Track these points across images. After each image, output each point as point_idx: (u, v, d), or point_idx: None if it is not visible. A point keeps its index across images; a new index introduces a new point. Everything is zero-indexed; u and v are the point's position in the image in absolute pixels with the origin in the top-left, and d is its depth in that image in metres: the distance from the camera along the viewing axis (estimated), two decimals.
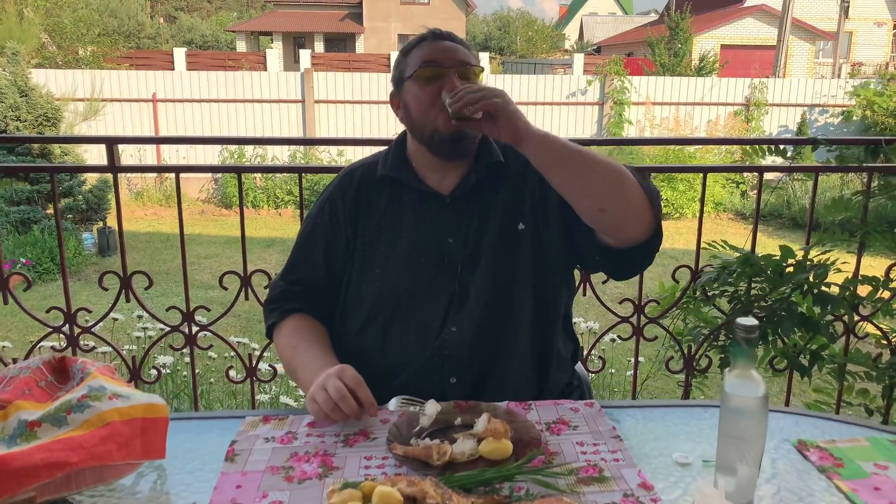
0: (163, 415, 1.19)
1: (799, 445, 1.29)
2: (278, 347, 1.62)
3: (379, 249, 1.56)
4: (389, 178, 1.59)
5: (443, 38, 1.53)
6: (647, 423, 1.38)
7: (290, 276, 1.65)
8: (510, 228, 1.55)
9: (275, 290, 1.66)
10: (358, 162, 1.69)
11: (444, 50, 1.50)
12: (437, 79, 1.47)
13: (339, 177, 1.65)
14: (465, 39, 1.58)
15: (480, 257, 1.52)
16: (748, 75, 12.96)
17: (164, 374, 2.97)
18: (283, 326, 1.61)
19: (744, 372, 1.10)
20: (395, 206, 1.58)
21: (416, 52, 1.52)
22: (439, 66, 1.48)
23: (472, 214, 1.56)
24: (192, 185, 11.08)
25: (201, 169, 2.43)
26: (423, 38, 1.54)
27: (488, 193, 1.57)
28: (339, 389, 1.30)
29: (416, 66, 1.51)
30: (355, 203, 1.60)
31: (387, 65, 13.96)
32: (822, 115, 12.09)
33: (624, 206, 1.40)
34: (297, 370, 1.52)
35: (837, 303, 2.34)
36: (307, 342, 1.55)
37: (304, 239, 1.65)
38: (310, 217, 1.66)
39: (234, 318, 5.51)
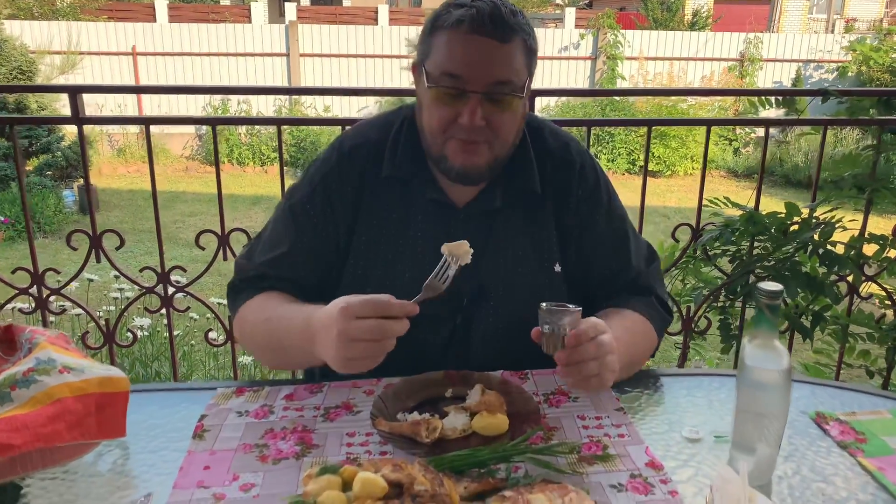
0: (122, 389, 1.08)
1: (817, 418, 1.20)
2: (244, 334, 1.32)
3: (377, 262, 1.32)
4: (399, 181, 1.33)
5: (484, 29, 1.16)
6: (651, 394, 1.28)
7: (262, 258, 1.36)
8: (541, 268, 1.35)
9: (243, 271, 1.38)
10: (357, 135, 1.37)
11: (477, 61, 1.17)
12: (457, 98, 1.19)
13: (337, 155, 1.35)
14: (524, 20, 1.20)
15: (491, 292, 1.31)
16: (741, 30, 12.70)
17: (143, 336, 2.86)
18: (248, 306, 1.33)
19: (765, 342, 1.00)
20: (403, 211, 1.33)
21: (444, 40, 1.19)
22: (463, 85, 1.18)
23: (488, 238, 1.33)
24: (176, 141, 10.81)
25: (172, 121, 2.25)
26: (458, 21, 1.17)
27: (513, 217, 1.34)
28: (369, 328, 1.02)
29: (435, 69, 1.20)
30: (358, 195, 1.33)
31: (374, 18, 13.56)
32: (816, 70, 11.89)
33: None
34: (283, 338, 1.22)
35: (844, 262, 2.25)
36: (281, 307, 1.27)
37: (286, 222, 1.36)
38: (295, 196, 1.37)
39: (219, 277, 5.38)
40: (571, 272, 1.38)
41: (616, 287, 1.39)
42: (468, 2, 1.19)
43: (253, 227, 8.00)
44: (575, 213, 1.37)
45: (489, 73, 1.18)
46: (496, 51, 1.18)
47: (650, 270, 1.43)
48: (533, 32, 1.23)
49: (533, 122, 1.40)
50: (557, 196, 1.36)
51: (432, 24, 1.22)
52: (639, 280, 1.40)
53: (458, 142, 1.22)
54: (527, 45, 1.22)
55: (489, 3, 1.19)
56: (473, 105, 1.18)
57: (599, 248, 1.39)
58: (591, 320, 1.11)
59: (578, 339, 1.07)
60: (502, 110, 1.21)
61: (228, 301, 1.42)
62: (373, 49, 11.31)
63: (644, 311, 1.36)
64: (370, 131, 1.37)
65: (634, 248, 1.42)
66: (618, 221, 1.41)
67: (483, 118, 1.19)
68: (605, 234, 1.39)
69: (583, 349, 1.07)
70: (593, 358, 1.08)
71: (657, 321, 1.37)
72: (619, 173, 10.43)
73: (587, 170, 1.38)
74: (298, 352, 1.19)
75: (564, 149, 1.38)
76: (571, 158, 1.38)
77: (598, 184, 1.39)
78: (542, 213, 1.36)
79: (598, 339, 1.09)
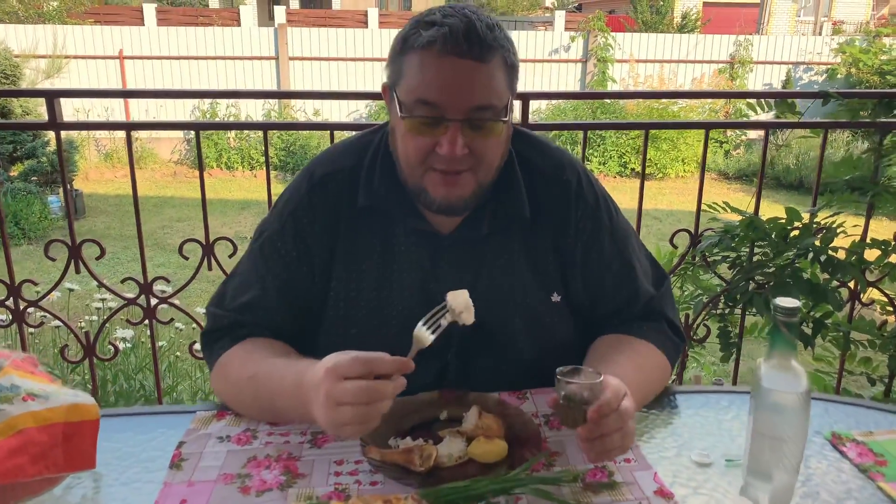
0: (91, 417, 0.99)
1: (833, 439, 1.13)
2: (225, 390, 1.19)
3: (359, 301, 1.22)
4: (378, 211, 1.21)
5: (459, 48, 1.05)
6: (657, 414, 1.21)
7: (234, 304, 1.24)
8: (539, 299, 1.25)
9: (216, 320, 1.26)
10: (330, 161, 1.26)
11: (453, 85, 1.06)
12: (435, 127, 1.08)
13: (307, 186, 1.23)
14: (502, 34, 1.09)
15: (485, 326, 1.16)
16: (730, 33, 12.70)
17: (126, 348, 2.77)
18: (228, 359, 1.20)
19: (783, 362, 0.93)
20: (384, 243, 1.21)
21: (416, 63, 1.08)
22: (440, 113, 1.07)
23: (480, 265, 1.23)
24: (164, 145, 10.70)
25: (155, 126, 2.18)
26: (430, 42, 1.06)
27: (506, 244, 1.24)
28: (362, 391, 0.92)
29: (408, 96, 1.08)
30: (332, 229, 1.21)
31: (363, 21, 13.49)
32: (806, 72, 11.90)
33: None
34: (275, 399, 1.10)
35: (846, 268, 2.19)
36: (266, 363, 1.14)
37: (256, 262, 1.25)
38: (264, 233, 1.25)
39: (207, 283, 5.28)
40: (578, 301, 1.29)
41: (627, 315, 1.30)
42: (439, 18, 1.08)
43: (241, 233, 7.83)
44: (575, 237, 1.26)
45: (468, 97, 1.07)
46: (474, 72, 1.06)
47: (661, 293, 1.33)
48: (513, 47, 1.12)
49: (521, 137, 1.29)
50: (553, 219, 1.25)
51: (402, 43, 1.11)
52: (650, 305, 1.31)
53: (438, 174, 1.11)
54: (507, 63, 1.11)
55: (463, 18, 1.07)
56: (453, 134, 1.07)
57: (607, 273, 1.28)
58: (612, 387, 0.99)
59: (602, 413, 0.96)
60: (485, 136, 1.10)
61: (204, 353, 1.28)
62: (362, 52, 11.23)
63: (656, 340, 1.27)
64: (344, 157, 1.26)
65: (643, 271, 1.32)
66: (622, 242, 1.30)
67: (465, 146, 1.08)
68: (612, 256, 1.29)
69: (606, 423, 0.96)
70: (617, 430, 0.97)
71: (670, 350, 1.29)
72: (611, 176, 10.39)
73: (584, 188, 1.27)
74: (293, 413, 1.08)
75: (557, 167, 1.27)
76: (566, 178, 1.26)
77: (597, 202, 1.28)
78: (538, 238, 1.25)
79: (620, 409, 0.98)
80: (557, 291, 1.26)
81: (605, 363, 1.18)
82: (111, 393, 2.76)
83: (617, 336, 1.28)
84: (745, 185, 10.26)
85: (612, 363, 1.18)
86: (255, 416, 1.17)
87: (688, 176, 10.62)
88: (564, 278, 1.27)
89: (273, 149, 10.13)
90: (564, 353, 1.28)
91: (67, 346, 2.29)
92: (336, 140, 2.17)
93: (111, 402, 2.73)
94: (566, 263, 1.27)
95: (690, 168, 10.66)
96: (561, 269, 1.27)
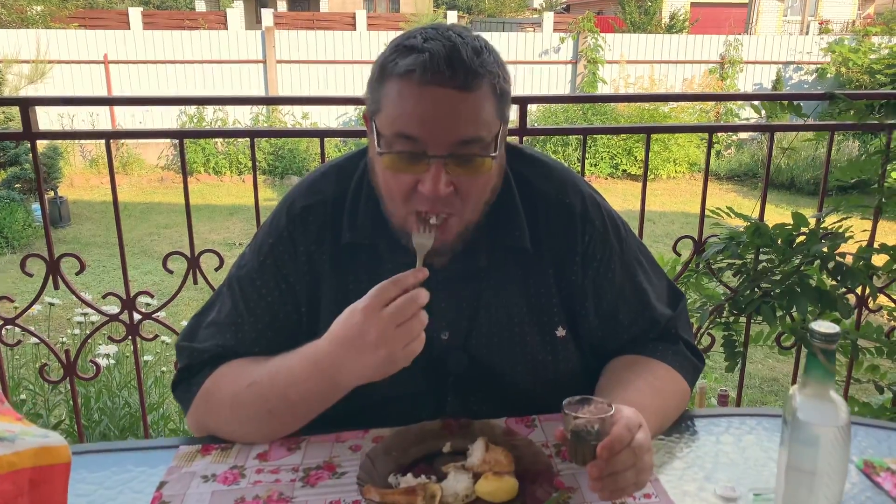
0: (61, 460, 0.90)
1: (866, 468, 1.05)
2: (216, 413, 1.09)
3: None
4: (364, 245, 1.12)
5: (441, 76, 0.95)
6: (676, 442, 1.13)
7: (208, 345, 1.14)
8: (542, 334, 1.15)
9: (193, 356, 1.15)
10: (311, 192, 1.16)
11: (435, 118, 0.96)
12: (414, 164, 0.99)
13: (286, 219, 1.14)
14: (490, 58, 1.00)
15: (483, 366, 1.11)
16: (718, 32, 12.70)
17: (110, 364, 2.67)
18: (217, 379, 1.11)
19: (820, 391, 0.86)
20: (372, 280, 1.06)
21: (395, 93, 0.98)
22: (421, 148, 0.98)
23: (478, 302, 1.14)
24: (151, 150, 10.56)
25: (135, 135, 2.08)
26: (409, 70, 0.96)
27: (504, 276, 1.14)
28: (404, 302, 0.93)
29: (387, 129, 0.99)
30: (316, 265, 1.12)
31: (352, 24, 13.41)
32: (796, 72, 11.91)
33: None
34: (289, 392, 1.03)
35: (855, 275, 2.12)
36: (263, 367, 1.07)
37: (233, 300, 1.15)
38: (242, 269, 1.16)
39: (196, 292, 5.17)
40: (590, 335, 1.19)
41: (643, 340, 1.21)
42: (419, 42, 0.97)
43: (229, 239, 7.73)
44: (583, 266, 1.16)
45: (452, 131, 0.97)
46: (458, 103, 0.96)
47: (678, 313, 1.24)
48: (503, 71, 1.02)
49: (518, 156, 1.18)
50: (557, 249, 1.15)
51: (380, 70, 1.00)
52: (667, 326, 1.22)
53: (421, 219, 1.02)
54: (496, 90, 1.00)
55: (445, 41, 0.97)
56: (436, 171, 0.97)
57: (620, 302, 1.19)
58: (624, 418, 0.90)
59: (612, 450, 0.87)
60: (471, 173, 1.00)
61: (177, 391, 1.17)
62: (351, 55, 11.14)
63: (674, 362, 1.19)
64: (325, 185, 1.16)
65: (657, 293, 1.23)
66: (634, 266, 1.21)
67: (449, 183, 0.99)
68: (624, 283, 1.19)
69: (617, 460, 0.88)
70: (630, 467, 0.88)
71: (689, 372, 1.20)
72: (602, 178, 10.34)
73: (590, 211, 1.17)
74: (315, 397, 1.03)
75: (560, 190, 1.17)
76: (570, 202, 1.16)
77: (605, 225, 1.18)
78: (540, 268, 1.15)
79: (633, 444, 0.89)
80: (562, 325, 1.17)
81: (620, 387, 1.10)
82: (95, 410, 2.65)
83: (633, 357, 1.20)
84: (737, 185, 10.23)
85: (627, 387, 1.10)
86: (255, 429, 1.08)
87: (679, 177, 10.58)
88: (571, 311, 1.18)
89: (261, 153, 10.02)
90: (569, 388, 1.20)
91: (47, 365, 2.19)
92: (326, 147, 2.08)
93: (95, 421, 2.63)
94: (573, 295, 1.17)
95: (682, 169, 10.62)
96: (567, 300, 1.17)
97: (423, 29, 1.01)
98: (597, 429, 0.91)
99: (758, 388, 4.24)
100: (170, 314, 3.26)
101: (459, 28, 1.02)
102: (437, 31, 1.00)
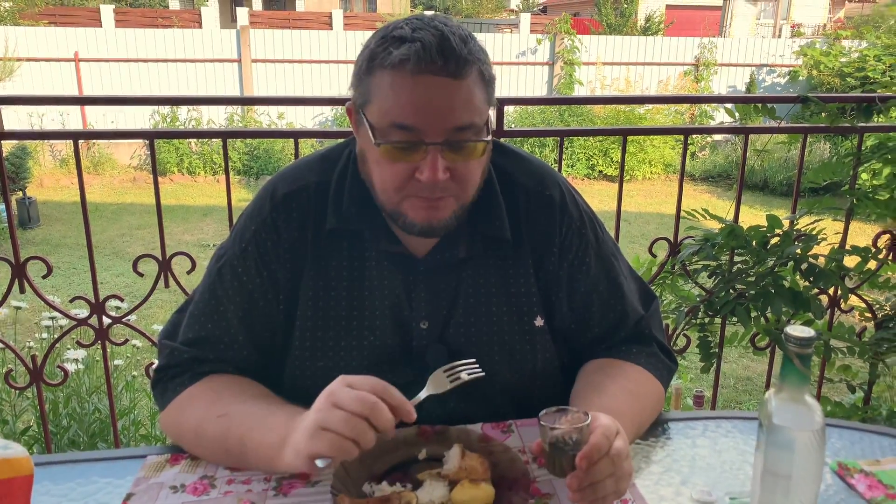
0: (23, 472, 0.88)
1: (840, 470, 1.06)
2: (183, 429, 1.07)
3: (327, 331, 1.12)
4: (347, 232, 1.13)
5: (434, 65, 0.96)
6: (653, 446, 1.13)
7: (191, 336, 1.13)
8: (521, 324, 1.16)
9: (173, 355, 1.13)
10: (294, 178, 1.15)
11: (430, 106, 0.97)
12: (412, 152, 0.99)
13: (269, 206, 1.13)
14: (476, 45, 1.01)
15: (463, 356, 1.10)
16: (693, 35, 12.82)
17: (79, 369, 2.61)
18: (192, 394, 1.09)
19: (795, 395, 0.86)
20: (354, 267, 1.12)
21: (387, 84, 0.98)
22: (418, 137, 0.98)
23: (457, 292, 1.14)
24: (123, 151, 10.41)
25: (104, 135, 2.04)
26: (402, 60, 0.96)
27: (483, 267, 1.15)
28: (364, 399, 0.87)
29: (381, 120, 0.99)
30: (299, 252, 1.12)
31: (328, 23, 13.33)
32: (769, 74, 12.06)
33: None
34: (245, 439, 0.99)
35: (828, 276, 2.14)
36: (239, 402, 1.05)
37: (214, 290, 1.14)
38: (224, 257, 1.15)
39: (168, 294, 5.10)
40: (563, 325, 1.20)
41: (615, 339, 1.22)
42: (408, 33, 0.98)
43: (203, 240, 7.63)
44: (559, 257, 1.18)
45: (447, 118, 0.98)
46: (452, 90, 0.97)
47: (650, 314, 1.24)
48: (487, 58, 1.04)
49: (498, 149, 1.20)
50: (536, 239, 1.17)
51: (369, 61, 1.00)
52: (639, 326, 1.22)
53: (418, 199, 1.03)
54: (484, 76, 1.02)
55: (434, 31, 0.98)
56: (433, 158, 0.98)
57: (594, 294, 1.20)
58: (601, 427, 0.89)
59: (590, 460, 0.87)
60: (466, 157, 1.02)
61: (155, 390, 1.15)
62: (327, 54, 11.07)
63: (648, 364, 1.19)
64: (309, 173, 1.15)
65: (630, 291, 1.24)
66: (609, 261, 1.22)
67: (446, 169, 1.00)
68: (599, 276, 1.20)
69: (596, 469, 0.87)
70: (609, 475, 0.88)
71: (663, 373, 1.20)
72: (579, 178, 10.39)
73: (568, 204, 1.19)
74: (263, 451, 0.97)
75: (539, 183, 1.19)
76: (549, 194, 1.18)
77: (582, 219, 1.20)
78: (519, 259, 1.16)
79: (611, 452, 0.88)
80: (541, 315, 1.17)
81: (595, 393, 1.09)
82: (63, 416, 2.60)
83: (607, 360, 1.19)
84: (712, 186, 10.34)
85: (603, 392, 1.09)
86: (212, 457, 1.05)
87: (654, 178, 10.67)
88: (548, 301, 1.18)
89: (236, 153, 9.93)
90: (548, 381, 1.20)
91: (13, 370, 2.14)
92: (301, 148, 2.06)
93: (63, 427, 2.57)
94: (549, 285, 1.18)
95: (657, 170, 10.71)
96: (544, 290, 1.18)
97: (409, 20, 1.01)
98: (575, 439, 0.90)
99: (732, 387, 4.28)
100: (141, 317, 3.21)
101: (442, 17, 1.03)
102: (423, 21, 1.00)
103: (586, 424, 0.90)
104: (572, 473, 0.88)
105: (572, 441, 0.89)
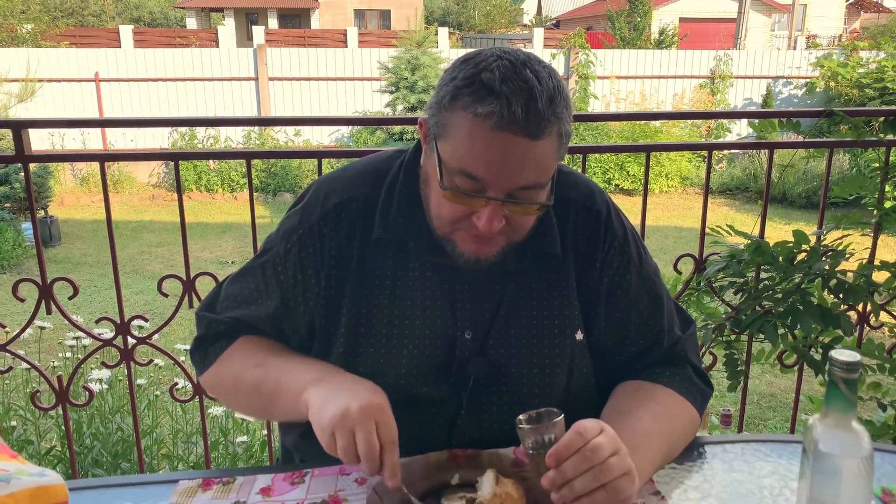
0: (59, 499, 0.87)
1: (884, 496, 1.03)
2: (225, 380, 1.18)
3: (369, 339, 1.13)
4: (393, 242, 1.13)
5: (515, 126, 0.94)
6: (688, 470, 1.10)
7: (228, 314, 1.21)
8: (562, 338, 1.15)
9: (211, 325, 1.21)
10: (346, 188, 1.16)
11: (502, 163, 0.96)
12: (473, 198, 1.00)
13: (320, 213, 1.15)
14: (561, 100, 0.98)
15: (503, 369, 1.11)
16: (707, 48, 12.82)
17: (102, 389, 2.62)
18: (232, 351, 1.19)
19: (841, 422, 0.83)
20: (398, 277, 1.13)
21: (466, 130, 0.97)
22: (483, 188, 0.99)
23: (499, 305, 1.14)
24: (142, 168, 10.53)
25: (130, 157, 2.06)
26: (487, 116, 0.94)
27: (528, 280, 1.15)
28: (372, 446, 0.93)
29: (452, 161, 0.99)
30: (343, 262, 1.13)
31: (343, 41, 13.44)
32: (785, 86, 12.01)
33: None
34: (281, 381, 1.09)
35: (858, 293, 2.11)
36: (277, 356, 1.15)
37: (255, 279, 1.20)
38: (268, 252, 1.19)
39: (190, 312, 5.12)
40: (599, 342, 1.19)
41: (650, 359, 1.20)
42: (497, 84, 0.94)
43: (222, 257, 7.65)
44: (601, 271, 1.17)
45: (515, 177, 0.98)
46: (526, 150, 0.96)
47: (687, 337, 1.23)
48: (569, 113, 1.00)
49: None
50: (581, 252, 1.16)
51: (452, 98, 0.98)
52: (674, 349, 1.20)
53: (468, 233, 1.04)
54: (561, 134, 0.99)
55: (523, 86, 0.94)
56: (492, 211, 0.99)
57: (632, 311, 1.19)
58: (577, 424, 0.89)
59: (559, 457, 0.87)
60: (524, 212, 1.03)
61: (195, 357, 1.24)
62: (343, 72, 11.17)
63: (680, 387, 1.17)
64: (361, 184, 1.16)
65: (670, 313, 1.22)
66: (650, 279, 1.21)
67: (502, 218, 1.01)
68: (639, 293, 1.19)
69: (567, 466, 0.87)
70: (585, 470, 0.86)
71: (697, 398, 1.18)
72: None
73: (613, 221, 1.19)
74: (295, 393, 1.06)
75: (588, 198, 1.19)
76: (597, 209, 1.18)
77: (625, 235, 1.20)
78: (562, 272, 1.16)
79: (588, 448, 0.87)
80: (581, 329, 1.17)
81: (619, 416, 1.08)
82: (87, 436, 2.60)
83: (637, 383, 1.18)
84: (729, 199, 10.27)
85: (627, 415, 1.08)
86: (245, 406, 1.27)
87: (671, 191, 10.62)
88: (587, 316, 1.18)
89: (254, 170, 10.00)
90: (584, 398, 1.19)
91: (39, 392, 2.15)
92: (324, 166, 2.06)
93: (87, 447, 2.58)
94: (589, 299, 1.18)
95: (674, 183, 10.66)
96: (584, 305, 1.17)
97: (498, 58, 0.97)
98: (554, 438, 0.89)
99: (756, 404, 4.22)
100: (162, 335, 3.22)
101: (534, 63, 0.99)
102: (514, 67, 0.96)
103: (557, 421, 0.90)
104: (545, 474, 0.88)
105: (550, 442, 0.89)
